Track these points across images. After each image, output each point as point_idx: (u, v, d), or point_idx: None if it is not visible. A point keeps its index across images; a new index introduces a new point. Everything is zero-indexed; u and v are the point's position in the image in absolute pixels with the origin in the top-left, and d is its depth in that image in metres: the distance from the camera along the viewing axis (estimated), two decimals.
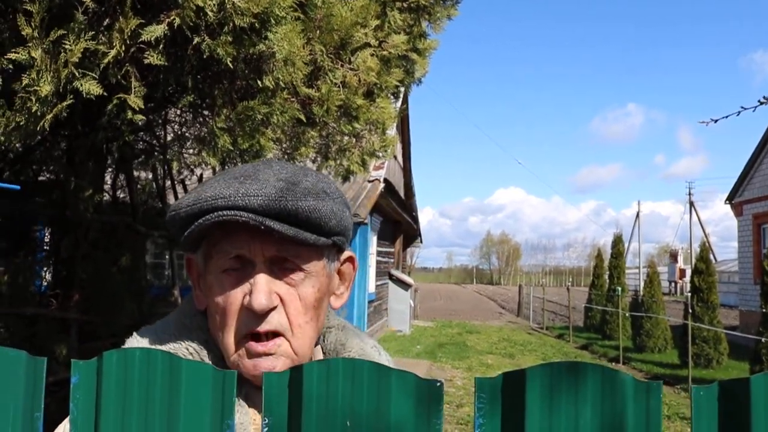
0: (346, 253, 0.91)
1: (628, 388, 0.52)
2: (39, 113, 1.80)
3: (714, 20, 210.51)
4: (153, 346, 0.83)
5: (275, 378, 0.55)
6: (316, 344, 0.90)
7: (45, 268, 4.35)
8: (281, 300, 0.81)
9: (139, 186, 4.76)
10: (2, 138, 1.84)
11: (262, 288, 0.78)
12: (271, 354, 0.80)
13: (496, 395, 0.53)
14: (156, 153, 3.88)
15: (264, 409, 0.55)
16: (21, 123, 1.80)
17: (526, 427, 0.51)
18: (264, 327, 0.79)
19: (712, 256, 12.26)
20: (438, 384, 0.52)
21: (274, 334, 0.80)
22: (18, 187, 1.84)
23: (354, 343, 0.94)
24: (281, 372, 0.55)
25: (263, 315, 0.79)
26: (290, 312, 0.81)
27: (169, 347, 0.84)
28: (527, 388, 0.52)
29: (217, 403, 0.55)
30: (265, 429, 0.54)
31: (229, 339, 0.80)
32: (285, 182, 0.79)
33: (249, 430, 0.80)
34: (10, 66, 1.79)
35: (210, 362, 0.83)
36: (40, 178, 4.32)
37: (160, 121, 3.71)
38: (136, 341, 0.86)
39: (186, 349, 0.84)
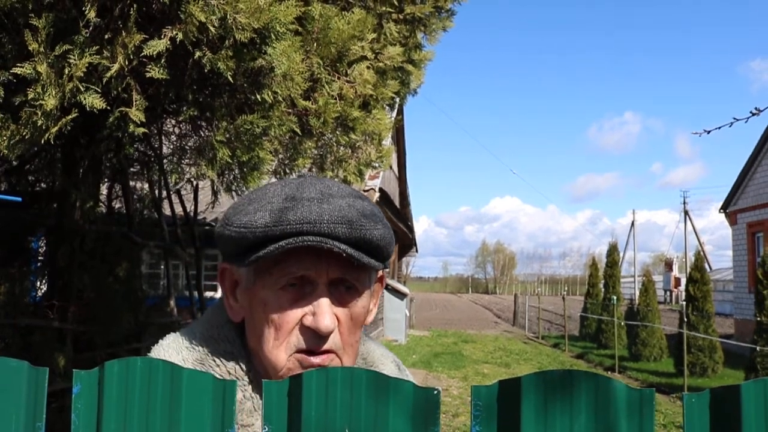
0: (379, 273, 0.94)
1: (621, 396, 0.53)
2: (44, 127, 1.82)
3: (712, 28, 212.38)
4: (180, 356, 0.85)
5: (275, 386, 0.55)
6: None
7: (40, 278, 4.34)
8: (337, 320, 0.83)
9: (134, 196, 4.77)
10: (6, 151, 1.86)
11: (327, 310, 0.81)
12: (324, 367, 0.82)
13: (492, 403, 0.54)
14: (152, 163, 3.89)
15: (264, 418, 0.55)
16: (26, 136, 1.82)
17: None
18: (323, 347, 0.82)
19: (707, 265, 12.33)
20: (435, 392, 0.53)
21: (328, 351, 0.83)
22: (19, 199, 1.86)
23: (374, 358, 0.98)
24: (281, 381, 0.56)
25: (325, 336, 0.81)
26: (343, 332, 0.84)
27: (196, 357, 0.85)
28: (523, 396, 0.53)
29: (217, 412, 0.55)
30: None
31: (281, 353, 0.82)
32: (357, 210, 0.82)
33: None
34: (15, 80, 1.81)
35: (236, 374, 0.85)
36: (36, 189, 4.32)
37: (155, 132, 3.73)
38: (162, 350, 0.87)
39: (213, 360, 0.85)
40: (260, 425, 0.82)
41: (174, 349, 0.87)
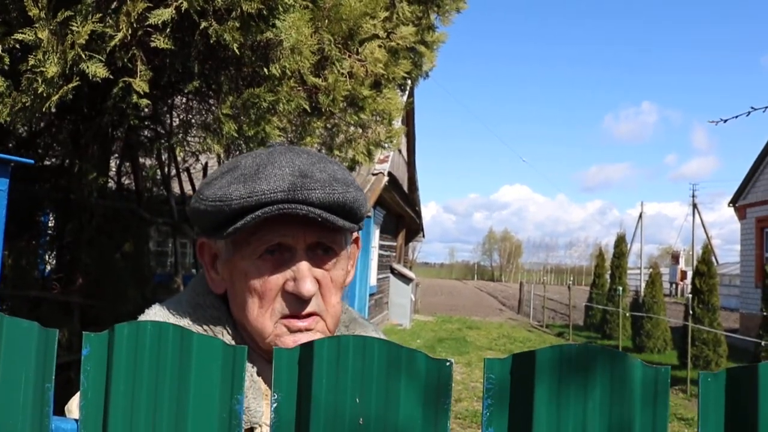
0: (354, 234, 0.95)
1: (636, 373, 0.52)
2: (45, 94, 1.80)
3: (737, 18, 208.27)
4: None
5: (285, 354, 0.55)
6: None
7: (48, 253, 4.35)
8: (318, 283, 0.85)
9: (144, 173, 4.76)
10: (8, 119, 1.84)
11: (307, 275, 0.83)
12: (310, 330, 0.84)
13: (505, 377, 0.54)
14: (162, 141, 3.88)
15: (273, 385, 0.55)
16: (27, 104, 1.80)
17: (535, 409, 0.51)
18: (307, 311, 0.84)
19: (713, 259, 12.24)
20: (448, 364, 0.53)
21: (312, 314, 0.85)
22: (32, 162, 1.85)
23: (356, 326, 0.98)
24: (291, 348, 0.55)
25: (307, 300, 0.83)
26: (325, 294, 0.86)
27: (183, 324, 0.86)
28: (537, 371, 0.52)
29: (227, 377, 0.55)
30: (275, 405, 0.54)
31: (266, 320, 0.84)
32: (328, 174, 0.83)
33: (262, 412, 0.81)
34: (17, 47, 1.79)
35: (222, 339, 0.85)
36: (46, 163, 4.32)
37: (165, 109, 3.70)
38: (149, 318, 0.86)
39: (201, 327, 0.86)
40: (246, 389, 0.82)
41: (160, 317, 0.87)
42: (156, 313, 0.88)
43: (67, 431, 0.60)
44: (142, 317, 0.88)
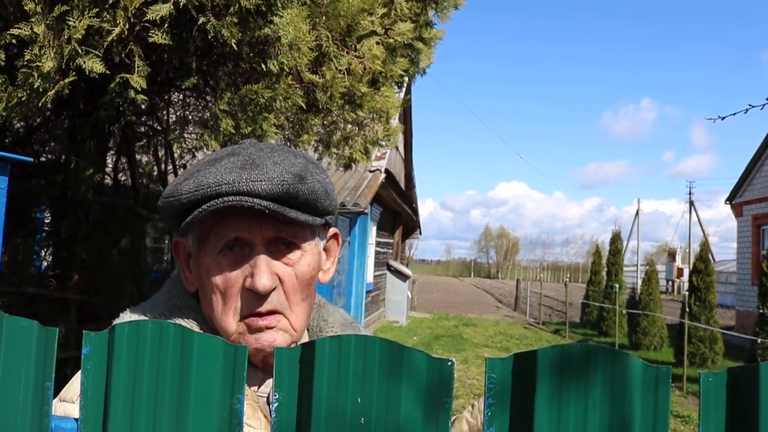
0: (331, 230, 0.93)
1: (637, 373, 0.52)
2: (41, 89, 1.79)
3: (738, 14, 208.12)
4: None
5: (286, 354, 0.55)
6: None
7: (45, 249, 4.34)
8: (280, 279, 0.83)
9: (140, 169, 4.74)
10: (4, 114, 1.83)
11: (264, 269, 0.81)
12: (271, 328, 0.82)
13: (506, 376, 0.53)
14: (159, 137, 3.86)
15: (275, 385, 0.55)
16: (23, 99, 1.79)
17: (536, 409, 0.51)
18: (265, 307, 0.82)
19: (710, 256, 12.27)
20: (449, 363, 0.53)
21: (273, 311, 0.83)
22: (31, 159, 1.85)
23: (335, 320, 0.98)
24: (293, 348, 0.55)
25: (265, 295, 0.81)
26: (288, 290, 0.83)
27: None
28: (538, 371, 0.52)
29: (227, 377, 0.55)
30: (276, 404, 0.54)
31: (229, 318, 0.82)
32: (282, 166, 0.81)
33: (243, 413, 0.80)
34: (13, 41, 1.77)
35: None
36: (42, 160, 4.30)
37: (162, 105, 3.69)
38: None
39: None
40: None
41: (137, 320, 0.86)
42: (130, 317, 0.87)
43: (67, 430, 0.59)
44: (116, 321, 0.86)
